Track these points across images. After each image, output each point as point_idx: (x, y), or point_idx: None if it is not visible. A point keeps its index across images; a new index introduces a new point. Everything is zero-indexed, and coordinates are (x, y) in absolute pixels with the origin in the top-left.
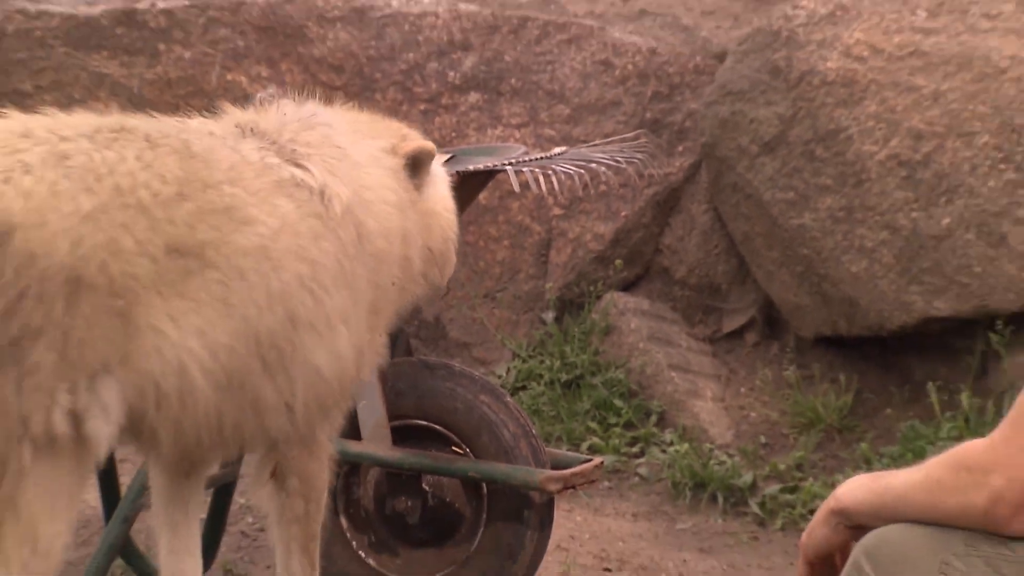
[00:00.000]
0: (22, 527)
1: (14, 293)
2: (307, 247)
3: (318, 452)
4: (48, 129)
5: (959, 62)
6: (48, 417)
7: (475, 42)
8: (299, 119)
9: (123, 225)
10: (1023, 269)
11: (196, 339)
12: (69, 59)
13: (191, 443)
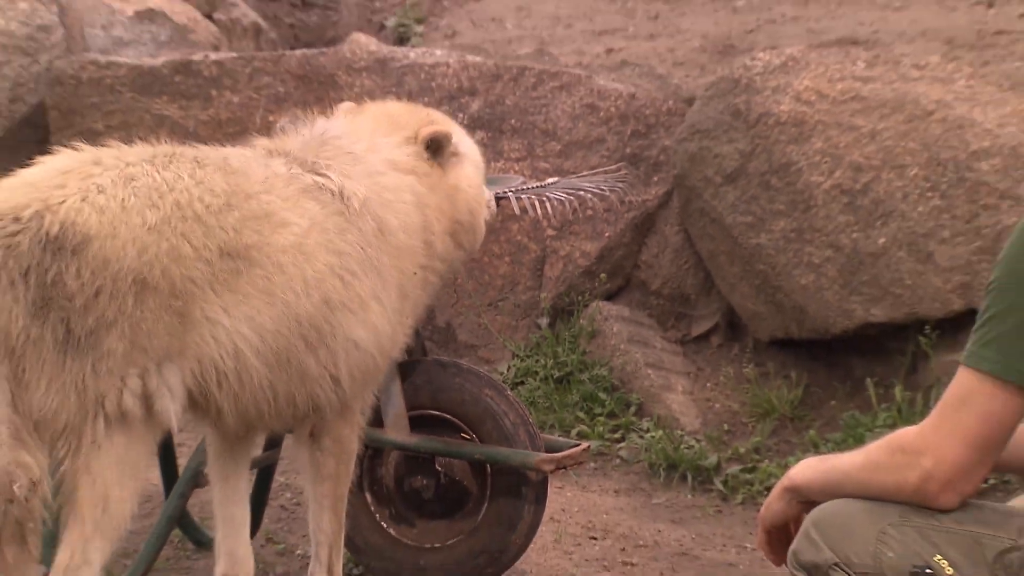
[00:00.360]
0: (95, 491)
1: (91, 291)
2: (334, 240)
3: (351, 419)
4: (115, 157)
5: (893, 105)
6: (120, 397)
7: (480, 88)
8: (314, 137)
9: (183, 234)
10: (947, 282)
11: (246, 326)
12: (135, 103)
13: (252, 413)
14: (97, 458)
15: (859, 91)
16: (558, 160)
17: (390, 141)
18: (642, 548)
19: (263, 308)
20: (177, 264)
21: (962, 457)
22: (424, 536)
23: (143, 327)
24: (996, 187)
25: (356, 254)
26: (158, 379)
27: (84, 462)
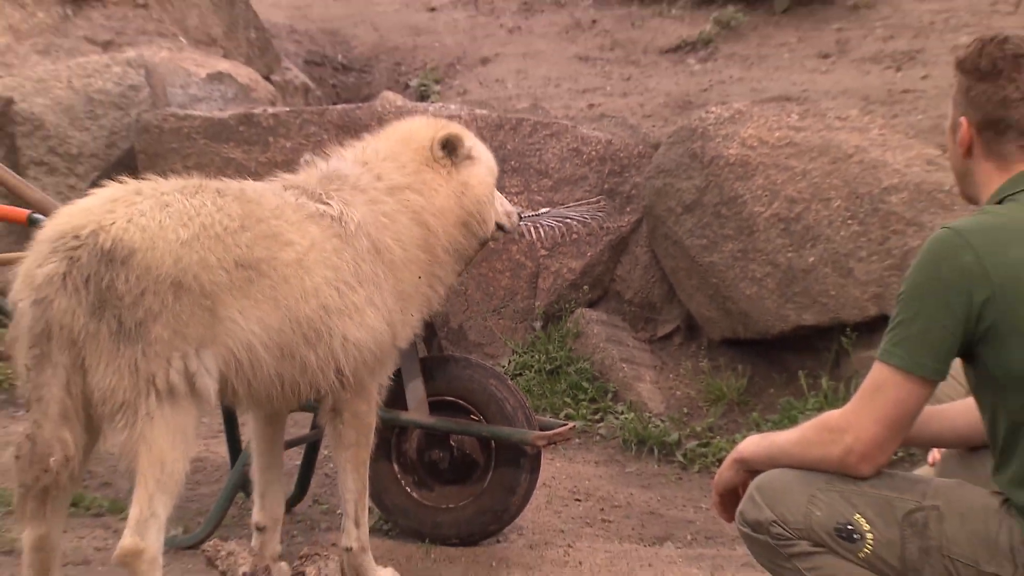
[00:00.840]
0: (153, 456)
1: (137, 292)
2: (331, 257)
3: (367, 396)
4: (152, 188)
5: (820, 150)
6: (167, 375)
7: (486, 136)
8: (324, 174)
9: (207, 248)
10: (864, 293)
11: (257, 325)
12: (207, 148)
13: (261, 395)
14: (152, 428)
15: (793, 138)
16: (549, 194)
17: (395, 164)
18: (617, 508)
19: (270, 311)
20: (204, 271)
21: (877, 435)
22: (440, 499)
23: (182, 318)
24: (904, 216)
25: (351, 269)
26: (197, 361)
27: (141, 432)
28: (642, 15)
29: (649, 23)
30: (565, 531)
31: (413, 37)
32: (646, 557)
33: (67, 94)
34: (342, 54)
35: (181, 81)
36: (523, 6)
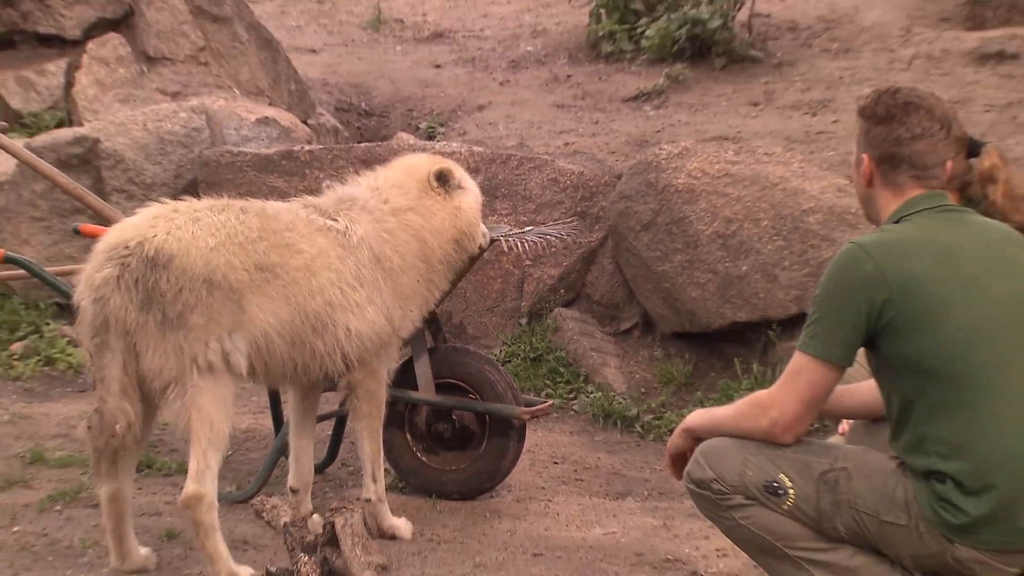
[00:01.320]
0: (203, 418)
1: (176, 289)
2: (334, 263)
3: (376, 376)
4: (187, 207)
5: (751, 180)
6: (206, 354)
7: (481, 168)
8: (338, 197)
9: (232, 254)
10: (787, 295)
11: (272, 318)
12: (255, 178)
13: (277, 375)
14: (199, 396)
15: (729, 170)
16: (533, 215)
17: (400, 189)
18: (588, 469)
19: (283, 306)
20: (230, 271)
21: (796, 410)
22: (445, 462)
23: (215, 308)
24: (819, 233)
25: (353, 273)
26: (230, 343)
27: (191, 401)
28: (607, 71)
29: (613, 77)
30: (545, 488)
31: (422, 88)
32: (611, 509)
33: (142, 135)
34: (365, 102)
35: (235, 124)
36: (511, 64)
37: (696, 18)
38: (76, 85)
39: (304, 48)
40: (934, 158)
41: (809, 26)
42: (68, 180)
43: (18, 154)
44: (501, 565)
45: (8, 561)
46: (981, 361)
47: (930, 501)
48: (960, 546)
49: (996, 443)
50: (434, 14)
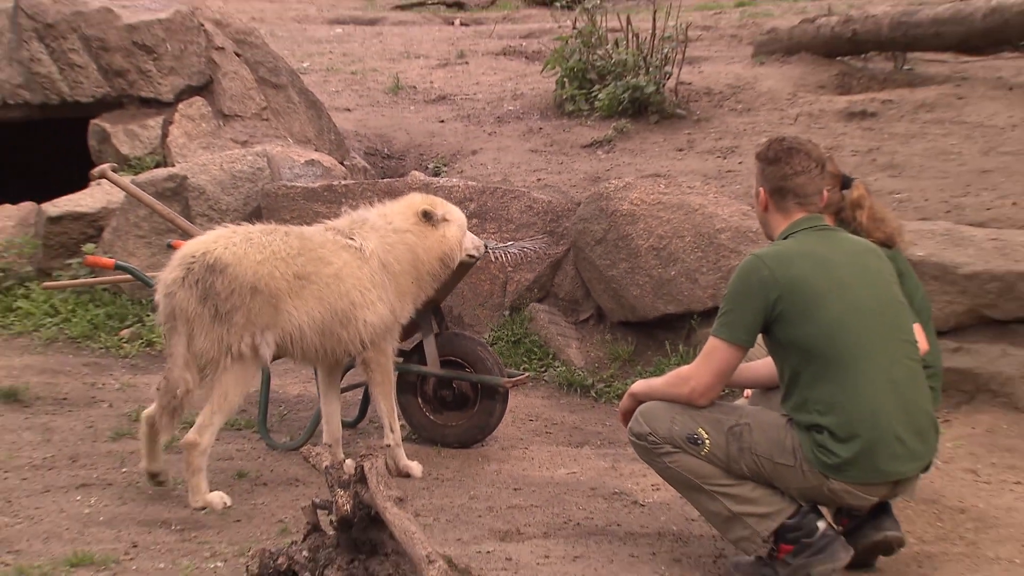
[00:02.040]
0: (222, 390)
1: (228, 291)
2: (355, 272)
3: (385, 351)
4: (243, 230)
5: (677, 206)
6: (240, 346)
7: (475, 198)
8: (351, 219)
9: (275, 266)
10: (704, 293)
11: (306, 316)
12: (304, 206)
13: (310, 357)
14: (224, 375)
15: (661, 199)
16: (513, 233)
17: (402, 216)
18: (556, 425)
19: (315, 306)
20: (272, 280)
21: (710, 381)
22: (447, 420)
23: (254, 310)
24: (728, 247)
25: (367, 279)
26: (261, 338)
27: (219, 376)
28: (569, 125)
29: (574, 129)
30: (523, 439)
31: (430, 138)
32: (572, 455)
33: (219, 173)
34: (386, 148)
35: (289, 165)
36: (497, 119)
37: (636, 85)
38: (169, 136)
39: (341, 108)
40: (812, 188)
41: (720, 91)
42: (163, 207)
43: (126, 188)
44: (490, 496)
45: (118, 494)
46: (848, 343)
47: (811, 447)
48: (833, 480)
49: (859, 404)
50: (439, 82)
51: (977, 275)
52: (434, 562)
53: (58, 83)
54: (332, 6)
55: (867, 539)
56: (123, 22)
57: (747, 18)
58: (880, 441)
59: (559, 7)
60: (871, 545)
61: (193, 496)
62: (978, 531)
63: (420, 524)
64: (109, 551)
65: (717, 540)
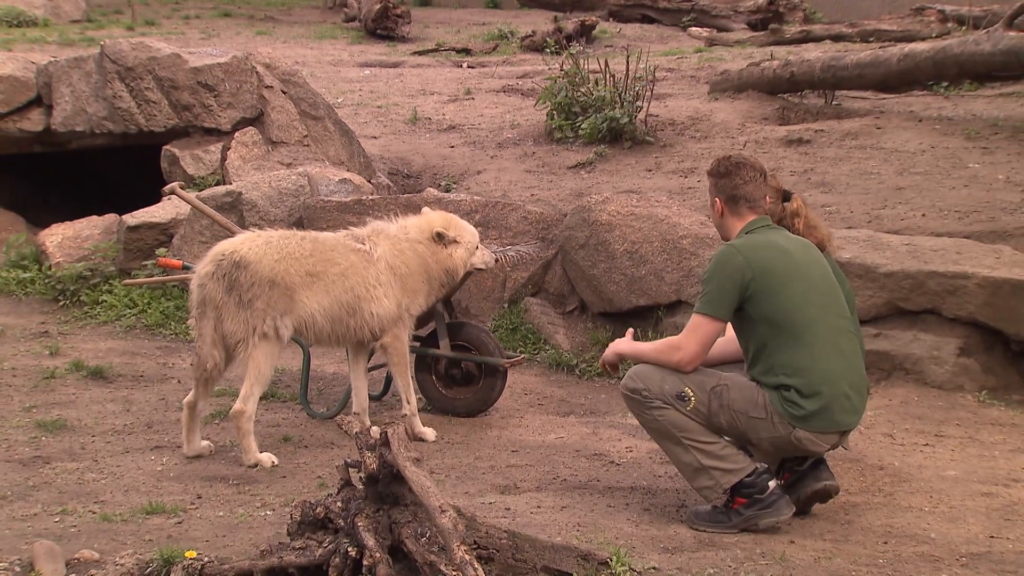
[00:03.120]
0: (255, 365)
1: (250, 283)
2: (361, 271)
3: (399, 336)
4: (267, 234)
5: (647, 217)
6: (263, 327)
7: (478, 209)
8: (372, 229)
9: (290, 264)
10: (670, 288)
11: (316, 305)
12: (338, 217)
13: (323, 339)
14: (255, 351)
15: (633, 211)
16: (511, 239)
17: (419, 230)
18: (547, 398)
19: (324, 298)
20: (288, 276)
21: (695, 350)
22: (456, 394)
23: (273, 299)
24: (689, 250)
25: (372, 278)
26: (281, 322)
27: (250, 353)
28: (558, 150)
29: (562, 153)
30: (519, 410)
31: (442, 160)
32: (560, 422)
33: (268, 190)
34: (406, 169)
35: (325, 183)
36: (498, 145)
37: (613, 117)
38: (227, 159)
39: (369, 135)
40: (759, 194)
41: (682, 122)
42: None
43: (192, 202)
44: (491, 457)
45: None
46: (808, 317)
47: (781, 403)
48: (799, 430)
49: (819, 367)
50: (449, 114)
51: (893, 274)
52: (445, 511)
53: (136, 116)
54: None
55: (808, 488)
56: (190, 65)
57: (704, 62)
58: (835, 397)
59: (549, 53)
60: (812, 493)
61: (246, 455)
62: (894, 484)
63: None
64: (178, 501)
65: (680, 493)
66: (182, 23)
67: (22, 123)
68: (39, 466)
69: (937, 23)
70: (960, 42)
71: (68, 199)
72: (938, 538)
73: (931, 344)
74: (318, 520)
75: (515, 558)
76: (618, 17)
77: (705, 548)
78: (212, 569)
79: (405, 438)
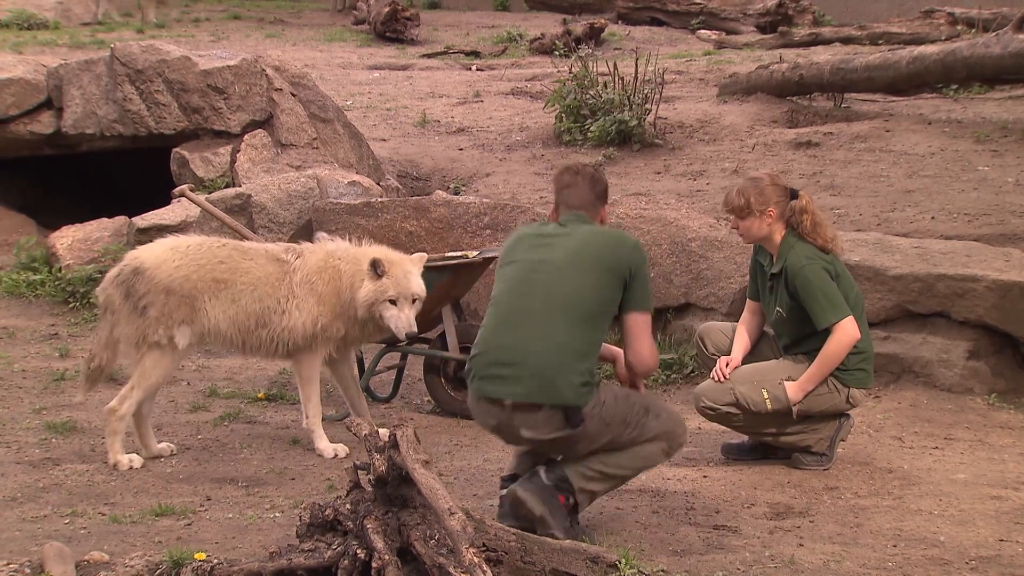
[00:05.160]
0: (143, 371)
1: (144, 291)
2: (275, 283)
3: (314, 351)
4: (183, 241)
5: (655, 219)
6: (154, 336)
7: (488, 213)
8: (317, 245)
9: (192, 272)
10: (678, 291)
11: (222, 314)
12: (347, 219)
13: (236, 349)
14: (143, 359)
15: (642, 213)
16: None
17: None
18: None
19: (230, 307)
20: (188, 284)
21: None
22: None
23: (169, 306)
24: (698, 253)
25: (285, 292)
26: (177, 331)
27: (140, 359)
28: (566, 152)
29: (570, 156)
30: None
31: (451, 163)
32: None
33: (277, 192)
34: (415, 171)
35: (334, 185)
36: (507, 147)
37: (621, 119)
38: (237, 162)
39: (378, 138)
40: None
41: (691, 125)
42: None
43: (201, 204)
44: (500, 459)
45: (195, 456)
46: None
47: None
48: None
49: (486, 335)
50: (458, 117)
51: (902, 276)
52: (454, 513)
53: (146, 118)
54: (370, 55)
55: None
56: (199, 68)
57: (713, 65)
58: (485, 365)
59: (558, 55)
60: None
61: (110, 454)
62: (903, 488)
63: (443, 482)
64: (187, 503)
65: (689, 496)
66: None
67: (32, 125)
68: (49, 468)
69: (946, 26)
70: (970, 45)
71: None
72: (947, 541)
73: (940, 347)
74: (327, 522)
75: (524, 560)
76: (627, 20)
77: (714, 551)
78: (221, 571)
79: (414, 440)
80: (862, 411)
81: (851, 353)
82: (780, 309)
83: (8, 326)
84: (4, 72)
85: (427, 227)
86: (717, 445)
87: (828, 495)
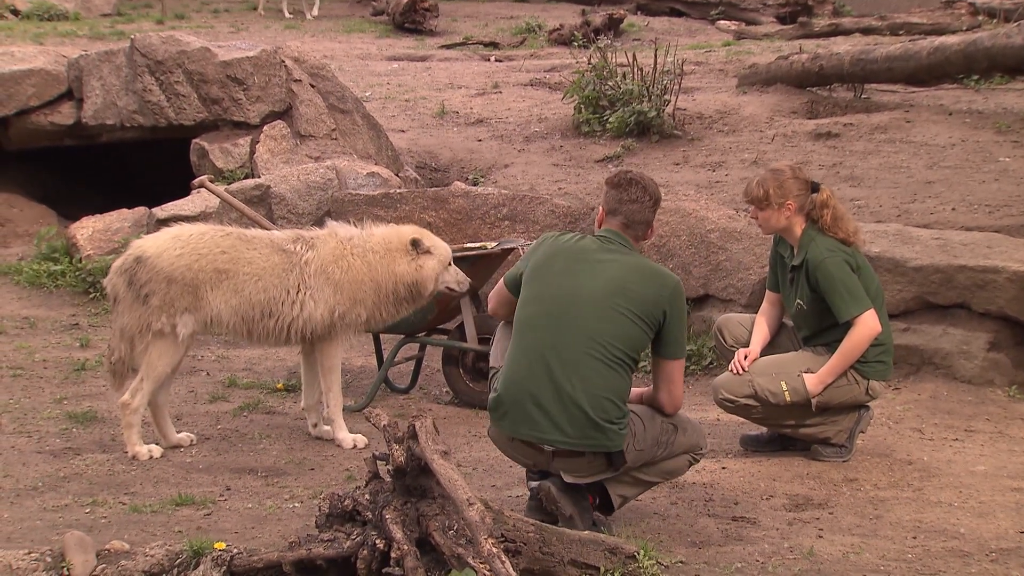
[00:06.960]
0: (149, 361)
1: (146, 279)
2: (282, 274)
3: (333, 342)
4: (186, 230)
5: (674, 211)
6: (158, 324)
7: (506, 203)
8: (328, 231)
9: (194, 261)
10: (697, 282)
11: (224, 303)
12: (366, 210)
13: (242, 338)
14: (149, 348)
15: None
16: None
17: (383, 240)
18: None
19: (232, 296)
20: (190, 273)
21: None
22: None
23: (171, 295)
24: (717, 244)
25: (293, 282)
26: (179, 320)
27: (145, 349)
28: (585, 143)
29: (589, 147)
30: None
31: (470, 154)
32: None
33: (297, 183)
34: (434, 162)
35: (353, 176)
36: (525, 139)
37: (640, 110)
38: (256, 153)
39: (396, 129)
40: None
41: (710, 116)
42: (251, 211)
43: (221, 195)
44: None
45: (214, 446)
46: (520, 317)
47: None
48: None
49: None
50: (477, 108)
51: (923, 268)
52: (473, 504)
53: (166, 109)
54: (389, 46)
55: None
56: (219, 59)
57: (732, 55)
58: (515, 403)
59: (576, 46)
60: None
61: (128, 446)
62: (923, 479)
63: (461, 473)
64: (207, 493)
65: (707, 488)
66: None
67: (53, 116)
68: (70, 457)
69: (968, 16)
70: (991, 35)
71: (98, 192)
72: (967, 533)
73: (961, 339)
74: (346, 512)
75: (542, 551)
76: (646, 10)
77: (732, 542)
78: (241, 561)
79: (433, 431)
80: (882, 403)
81: (871, 345)
82: (801, 301)
83: (29, 316)
84: (25, 63)
85: (446, 218)
86: (736, 437)
87: (847, 487)
